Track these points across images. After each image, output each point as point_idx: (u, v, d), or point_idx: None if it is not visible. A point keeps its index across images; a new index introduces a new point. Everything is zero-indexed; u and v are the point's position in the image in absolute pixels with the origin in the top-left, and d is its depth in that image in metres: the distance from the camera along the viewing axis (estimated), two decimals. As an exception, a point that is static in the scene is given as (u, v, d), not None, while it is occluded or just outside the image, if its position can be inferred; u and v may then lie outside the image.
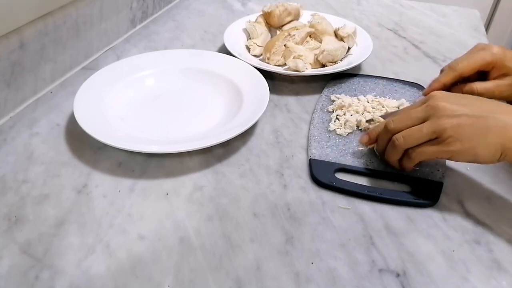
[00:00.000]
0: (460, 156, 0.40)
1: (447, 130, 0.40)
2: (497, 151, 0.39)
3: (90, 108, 0.51)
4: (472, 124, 0.39)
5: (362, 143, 0.49)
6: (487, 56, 0.52)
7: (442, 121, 0.40)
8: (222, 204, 0.43)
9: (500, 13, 1.63)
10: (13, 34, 0.52)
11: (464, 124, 0.39)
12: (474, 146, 0.39)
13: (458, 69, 0.52)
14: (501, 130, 0.39)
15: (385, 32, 0.82)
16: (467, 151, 0.40)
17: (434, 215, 0.42)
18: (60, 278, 0.35)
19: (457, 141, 0.39)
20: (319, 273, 0.36)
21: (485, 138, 0.39)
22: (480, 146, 0.39)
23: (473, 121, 0.40)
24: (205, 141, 0.47)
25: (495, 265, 0.38)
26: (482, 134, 0.39)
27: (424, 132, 0.41)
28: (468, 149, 0.39)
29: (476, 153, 0.39)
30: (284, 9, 0.72)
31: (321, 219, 0.41)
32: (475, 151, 0.39)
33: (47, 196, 0.43)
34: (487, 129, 0.39)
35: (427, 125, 0.41)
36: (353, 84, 0.63)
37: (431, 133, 0.41)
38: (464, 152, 0.40)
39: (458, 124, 0.40)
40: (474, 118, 0.40)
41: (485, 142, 0.39)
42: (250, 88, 0.57)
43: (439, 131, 0.40)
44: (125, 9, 0.74)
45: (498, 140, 0.39)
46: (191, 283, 0.35)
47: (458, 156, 0.40)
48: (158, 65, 0.62)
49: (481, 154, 0.39)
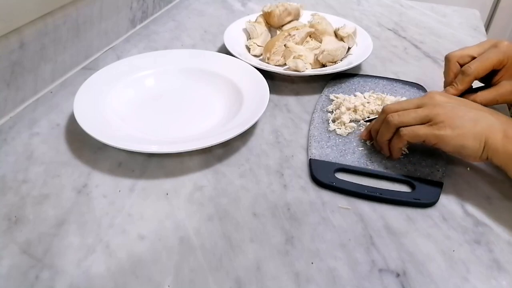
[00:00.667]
0: (448, 143, 0.42)
1: (440, 115, 0.42)
2: (482, 142, 0.41)
3: (90, 108, 0.51)
4: (463, 116, 0.42)
5: (363, 138, 0.49)
6: (499, 55, 0.50)
7: (437, 107, 0.43)
8: (222, 204, 0.43)
9: (500, 13, 1.63)
10: (13, 34, 0.52)
11: (456, 113, 0.42)
12: (462, 134, 0.41)
13: (472, 73, 0.50)
14: (489, 125, 0.42)
15: (385, 32, 0.82)
16: (455, 138, 0.42)
17: (434, 215, 0.42)
18: (60, 278, 0.35)
19: (447, 127, 0.42)
20: (319, 273, 0.36)
21: (473, 129, 0.41)
22: (468, 136, 0.41)
23: (464, 113, 0.43)
24: (205, 141, 0.47)
25: (495, 265, 0.38)
26: (472, 125, 0.42)
27: (418, 113, 0.44)
28: (457, 136, 0.41)
29: (463, 143, 0.41)
30: (284, 9, 0.72)
31: (321, 219, 0.41)
32: (463, 140, 0.41)
33: (47, 196, 0.43)
34: (477, 122, 0.42)
35: (422, 109, 0.44)
36: (353, 84, 0.63)
37: (424, 115, 0.44)
38: (452, 139, 0.42)
39: (451, 111, 0.43)
40: (466, 111, 0.43)
41: (473, 133, 0.41)
42: (250, 88, 0.57)
43: (432, 115, 0.43)
44: (125, 9, 0.74)
45: (484, 132, 0.41)
46: (191, 283, 0.35)
47: (446, 142, 0.42)
48: (158, 65, 0.62)
49: (467, 144, 0.41)
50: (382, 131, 0.47)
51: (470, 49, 0.52)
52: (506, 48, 0.50)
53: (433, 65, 0.71)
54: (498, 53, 0.50)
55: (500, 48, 0.50)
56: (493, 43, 0.52)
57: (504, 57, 0.50)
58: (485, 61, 0.50)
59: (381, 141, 0.47)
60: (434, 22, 0.87)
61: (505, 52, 0.50)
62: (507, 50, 0.50)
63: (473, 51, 0.52)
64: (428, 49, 0.76)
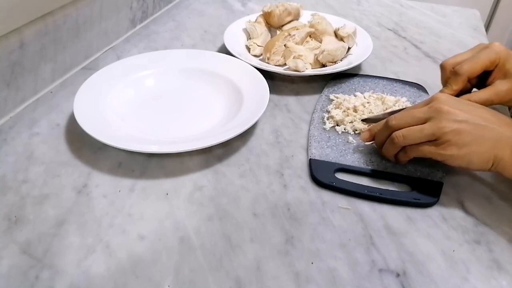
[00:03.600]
0: (454, 161, 0.41)
1: (447, 134, 0.41)
2: (490, 160, 0.40)
3: (90, 108, 0.51)
4: (470, 132, 0.40)
5: (364, 140, 0.49)
6: (491, 55, 0.50)
7: (443, 124, 0.41)
8: (222, 204, 0.43)
9: (500, 13, 1.63)
10: (13, 34, 0.52)
11: (463, 131, 0.40)
12: (469, 153, 0.40)
13: (464, 73, 0.50)
14: (496, 141, 0.40)
15: (385, 32, 0.82)
16: (462, 157, 0.41)
17: (434, 215, 0.42)
18: (60, 278, 0.35)
19: (454, 146, 0.41)
20: (319, 273, 0.36)
21: (481, 146, 0.40)
22: (475, 153, 0.40)
23: (472, 129, 0.41)
24: (205, 141, 0.47)
25: (495, 265, 0.38)
26: (479, 142, 0.40)
27: (424, 133, 0.42)
28: (464, 155, 0.41)
29: (470, 160, 0.41)
30: (284, 9, 0.72)
31: (321, 219, 0.41)
32: (470, 158, 0.41)
33: (47, 196, 0.43)
34: (484, 138, 0.40)
35: (428, 126, 0.42)
36: (353, 84, 0.63)
37: (430, 134, 0.42)
38: (459, 158, 0.41)
39: (458, 129, 0.41)
40: (473, 126, 0.41)
41: (480, 151, 0.40)
42: (250, 88, 0.57)
43: (439, 133, 0.41)
44: (125, 9, 0.74)
45: (492, 150, 0.40)
46: (191, 283, 0.35)
47: (452, 160, 0.41)
48: (158, 65, 0.62)
49: (474, 161, 0.41)
50: (387, 147, 0.46)
51: (463, 55, 0.52)
52: (497, 48, 0.50)
53: (433, 65, 0.71)
54: (489, 53, 0.50)
55: (491, 48, 0.50)
56: (484, 45, 0.52)
57: (496, 57, 0.50)
58: (476, 60, 0.50)
59: (386, 155, 0.47)
60: (434, 22, 0.87)
61: (496, 52, 0.50)
62: (498, 50, 0.50)
63: (466, 56, 0.52)
64: (428, 49, 0.76)
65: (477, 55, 0.51)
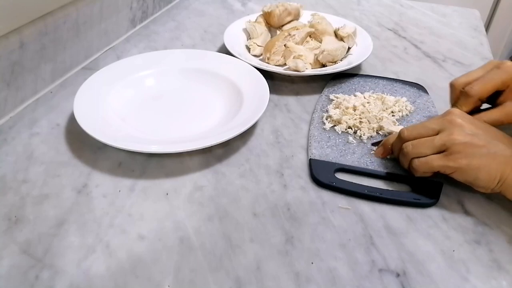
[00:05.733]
0: (462, 174, 0.41)
1: (457, 145, 0.41)
2: (496, 178, 0.40)
3: (90, 108, 0.51)
4: (481, 146, 0.40)
5: (378, 156, 0.49)
6: (503, 75, 0.48)
7: (455, 136, 0.41)
8: (222, 204, 0.43)
9: (500, 13, 1.63)
10: (13, 34, 0.52)
11: (474, 144, 0.41)
12: (477, 168, 0.40)
13: (475, 94, 0.48)
14: (505, 160, 0.40)
15: (385, 32, 0.82)
16: (470, 171, 0.40)
17: (434, 215, 0.42)
18: (60, 278, 0.35)
19: (463, 159, 0.40)
20: (319, 273, 0.36)
21: (490, 162, 0.40)
22: (483, 169, 0.40)
23: (483, 144, 0.41)
24: (205, 141, 0.47)
25: (495, 265, 0.38)
26: (488, 158, 0.40)
27: (434, 143, 0.42)
28: (472, 169, 0.40)
29: (477, 176, 0.40)
30: (284, 9, 0.72)
31: (321, 219, 0.41)
32: (477, 173, 0.40)
33: (47, 196, 0.43)
34: (494, 155, 0.40)
35: (439, 137, 0.42)
36: (353, 84, 0.63)
37: (441, 145, 0.42)
38: (467, 171, 0.41)
39: (469, 142, 0.41)
40: (484, 141, 0.41)
41: (488, 167, 0.40)
42: (250, 88, 0.57)
43: (449, 144, 0.41)
44: (125, 9, 0.74)
45: (500, 168, 0.40)
46: (191, 283, 0.35)
47: (461, 173, 0.41)
48: (158, 65, 0.62)
49: (481, 177, 0.40)
50: (400, 159, 0.46)
51: (474, 73, 0.51)
52: (509, 68, 0.49)
53: (433, 65, 0.71)
54: (501, 73, 0.49)
55: (503, 69, 0.49)
56: (496, 64, 0.50)
57: (507, 78, 0.48)
58: (488, 81, 0.49)
59: (403, 166, 0.46)
60: (434, 22, 0.87)
61: (508, 73, 0.48)
62: (510, 71, 0.48)
63: (477, 75, 0.50)
64: (428, 49, 0.76)
65: (489, 76, 0.49)
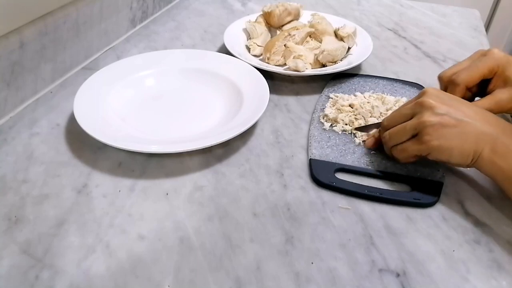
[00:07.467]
0: (437, 154, 0.42)
1: (427, 127, 0.41)
2: (469, 156, 0.41)
3: (90, 108, 0.51)
4: (452, 126, 0.41)
5: (369, 147, 0.49)
6: (489, 62, 0.49)
7: (425, 118, 0.42)
8: (222, 204, 0.43)
9: (500, 13, 1.63)
10: (13, 34, 0.52)
11: (444, 124, 0.41)
12: (450, 147, 0.41)
13: (461, 82, 0.49)
14: (476, 137, 0.40)
15: (385, 32, 0.82)
16: (442, 151, 0.41)
17: (434, 215, 0.42)
18: (60, 278, 0.35)
19: (434, 140, 0.41)
20: (319, 273, 0.36)
21: (461, 141, 0.41)
22: (455, 148, 0.41)
23: (454, 123, 0.41)
24: (205, 141, 0.47)
25: (495, 265, 0.38)
26: (459, 137, 0.41)
27: (407, 129, 0.43)
28: (444, 148, 0.41)
29: (451, 154, 0.41)
30: (284, 9, 0.72)
31: (321, 219, 0.41)
32: (450, 152, 0.41)
33: (47, 196, 0.43)
34: (464, 134, 0.41)
35: (411, 122, 0.43)
36: (353, 84, 0.63)
37: (413, 129, 0.43)
38: (440, 152, 0.41)
39: (438, 122, 0.41)
40: (454, 121, 0.41)
41: (461, 145, 0.41)
42: (250, 88, 0.57)
43: (420, 127, 0.42)
44: (125, 9, 0.74)
45: (472, 146, 0.40)
46: (191, 283, 0.35)
47: (435, 154, 0.42)
48: (158, 65, 0.62)
49: (454, 155, 0.41)
50: (385, 149, 0.48)
51: (461, 64, 0.52)
52: (496, 55, 0.49)
53: (433, 65, 0.71)
54: (487, 60, 0.49)
55: (489, 56, 0.49)
56: (483, 52, 0.51)
57: (494, 64, 0.49)
58: (474, 69, 0.49)
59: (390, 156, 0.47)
60: (434, 22, 0.87)
61: (495, 59, 0.49)
62: (497, 57, 0.49)
63: (464, 65, 0.51)
64: (428, 49, 0.76)
65: (475, 64, 0.50)
